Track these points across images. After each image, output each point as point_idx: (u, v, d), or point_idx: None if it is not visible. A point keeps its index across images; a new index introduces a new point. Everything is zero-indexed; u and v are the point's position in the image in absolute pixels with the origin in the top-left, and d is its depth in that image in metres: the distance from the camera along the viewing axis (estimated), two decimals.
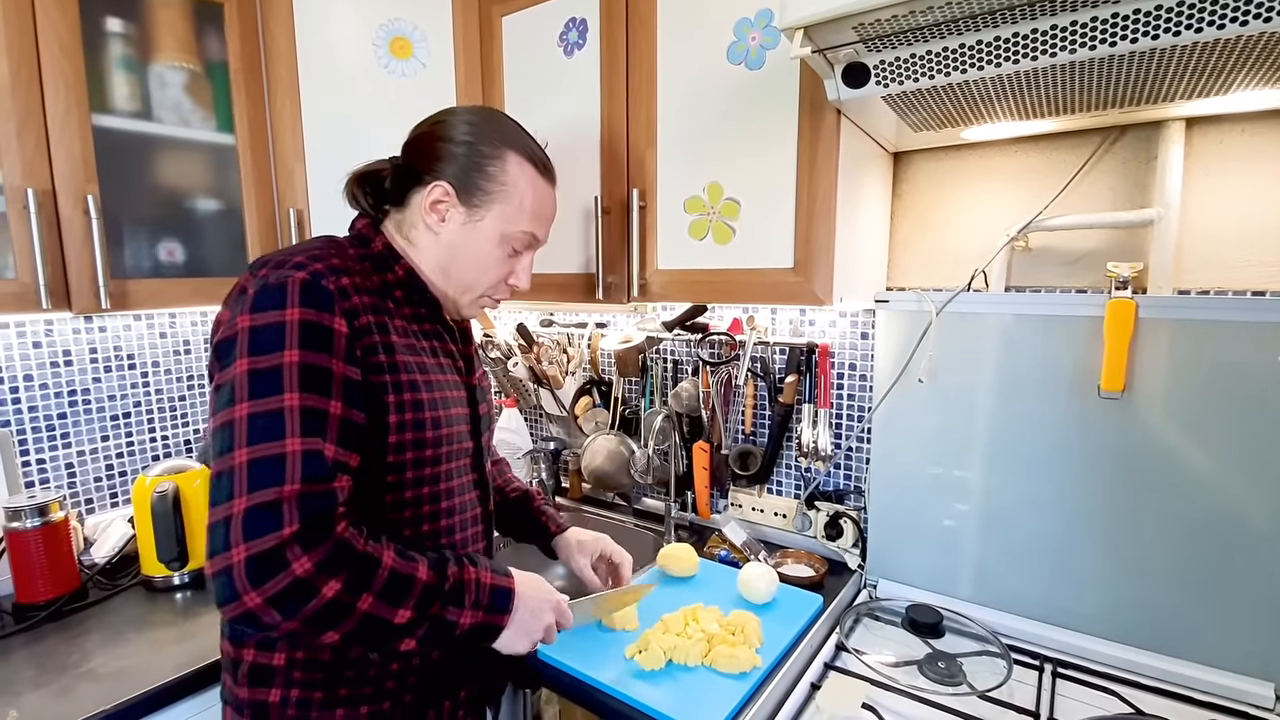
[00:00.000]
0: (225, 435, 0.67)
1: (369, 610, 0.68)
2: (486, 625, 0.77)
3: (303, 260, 0.74)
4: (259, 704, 0.80)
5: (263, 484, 0.65)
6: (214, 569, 0.64)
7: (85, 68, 1.15)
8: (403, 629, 0.70)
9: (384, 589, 0.69)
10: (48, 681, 1.01)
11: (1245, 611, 1.00)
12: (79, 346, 1.42)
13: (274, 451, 0.66)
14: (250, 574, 0.63)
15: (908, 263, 1.36)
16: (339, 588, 0.66)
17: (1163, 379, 1.03)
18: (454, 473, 0.88)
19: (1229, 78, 0.85)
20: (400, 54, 1.38)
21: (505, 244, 0.88)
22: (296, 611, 0.65)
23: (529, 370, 1.80)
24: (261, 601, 0.63)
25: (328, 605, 0.66)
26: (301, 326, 0.70)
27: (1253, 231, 1.05)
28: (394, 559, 0.71)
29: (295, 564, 0.64)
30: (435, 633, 0.73)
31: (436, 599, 0.73)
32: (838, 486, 1.46)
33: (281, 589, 0.63)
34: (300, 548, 0.65)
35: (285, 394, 0.67)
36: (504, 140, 0.86)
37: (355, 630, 0.68)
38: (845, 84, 0.93)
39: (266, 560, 0.63)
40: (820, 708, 0.96)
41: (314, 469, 0.67)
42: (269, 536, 0.64)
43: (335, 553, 0.67)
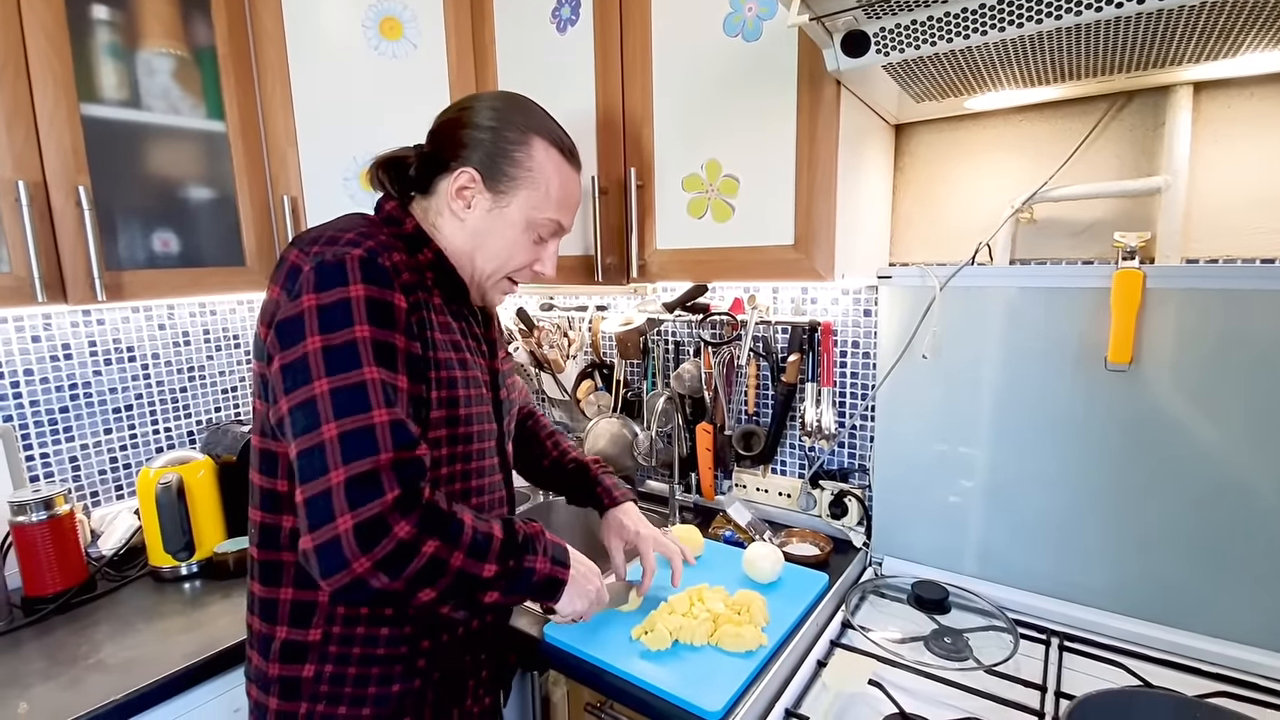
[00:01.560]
0: (309, 412, 0.68)
1: (461, 566, 0.72)
2: (553, 578, 0.83)
3: (355, 238, 0.75)
4: (291, 679, 0.81)
5: (358, 455, 0.67)
6: (318, 540, 0.66)
7: (72, 56, 1.13)
8: (489, 581, 0.74)
9: (470, 546, 0.73)
10: (58, 673, 1.02)
11: (1253, 583, 0.99)
12: (78, 340, 1.41)
13: (363, 423, 0.68)
14: (359, 541, 0.65)
15: (910, 237, 1.34)
16: (436, 545, 0.70)
17: (1171, 350, 1.01)
18: (484, 453, 0.89)
19: (1238, 39, 0.82)
20: (390, 35, 1.35)
21: (531, 230, 0.88)
22: (402, 572, 0.68)
23: (530, 355, 1.79)
24: (370, 565, 0.66)
25: (427, 564, 0.69)
26: (368, 303, 0.71)
27: (1262, 198, 1.03)
28: (473, 519, 0.75)
29: (397, 528, 0.67)
30: (515, 583, 0.78)
31: (513, 552, 0.77)
32: (842, 465, 1.45)
33: (388, 552, 0.66)
34: (399, 513, 0.68)
35: (364, 368, 0.69)
36: (530, 126, 0.86)
37: (450, 586, 0.72)
38: (844, 53, 0.90)
39: (372, 527, 0.66)
40: (827, 685, 0.96)
41: (403, 437, 0.70)
42: (373, 504, 0.66)
43: (427, 515, 0.70)
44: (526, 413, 1.22)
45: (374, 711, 0.83)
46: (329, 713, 0.81)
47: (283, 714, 0.82)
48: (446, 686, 0.89)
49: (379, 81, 1.36)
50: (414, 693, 0.85)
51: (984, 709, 0.91)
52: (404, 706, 0.85)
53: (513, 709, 1.17)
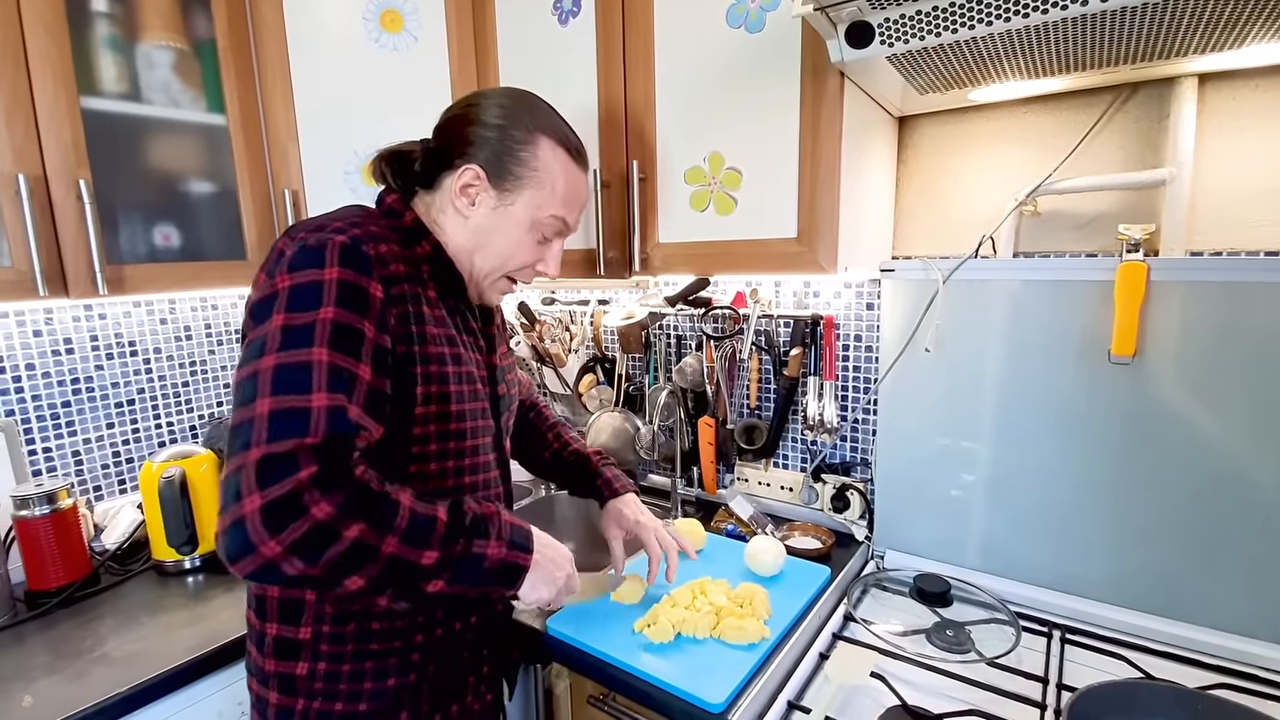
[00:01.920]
0: (249, 386, 0.65)
1: (394, 553, 0.66)
2: (511, 564, 0.76)
3: (342, 225, 0.74)
4: (286, 676, 0.81)
5: (282, 435, 0.63)
6: (225, 523, 0.61)
7: (72, 49, 1.12)
8: (430, 570, 0.69)
9: (408, 530, 0.67)
10: (62, 666, 1.02)
11: (1254, 575, 0.99)
12: (79, 334, 1.41)
13: (298, 404, 0.64)
14: (266, 522, 0.60)
15: (914, 230, 1.34)
16: (362, 528, 0.64)
17: (1174, 343, 1.01)
18: (479, 449, 0.88)
19: (1243, 29, 0.82)
20: (391, 27, 1.34)
21: (535, 230, 0.87)
22: (319, 557, 0.62)
23: (532, 349, 1.79)
24: (281, 550, 0.61)
25: (351, 548, 0.63)
26: (340, 286, 0.69)
27: (1267, 190, 1.03)
28: (412, 500, 0.69)
29: (314, 508, 0.62)
30: (463, 570, 0.71)
31: (460, 536, 0.71)
32: (844, 459, 1.45)
33: (302, 534, 0.61)
34: (319, 491, 0.62)
35: (314, 348, 0.66)
36: (537, 124, 0.85)
37: (382, 574, 0.66)
38: (848, 44, 0.90)
39: (283, 506, 0.61)
40: (829, 677, 0.96)
41: (338, 425, 0.65)
42: (285, 482, 0.61)
43: (354, 495, 0.65)
44: (529, 405, 1.22)
45: (371, 707, 0.82)
46: (326, 709, 0.81)
47: (281, 709, 0.82)
48: (444, 681, 0.88)
49: (380, 75, 1.36)
50: (410, 687, 0.85)
51: (986, 701, 0.91)
52: (401, 701, 0.84)
53: (516, 702, 1.18)
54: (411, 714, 0.85)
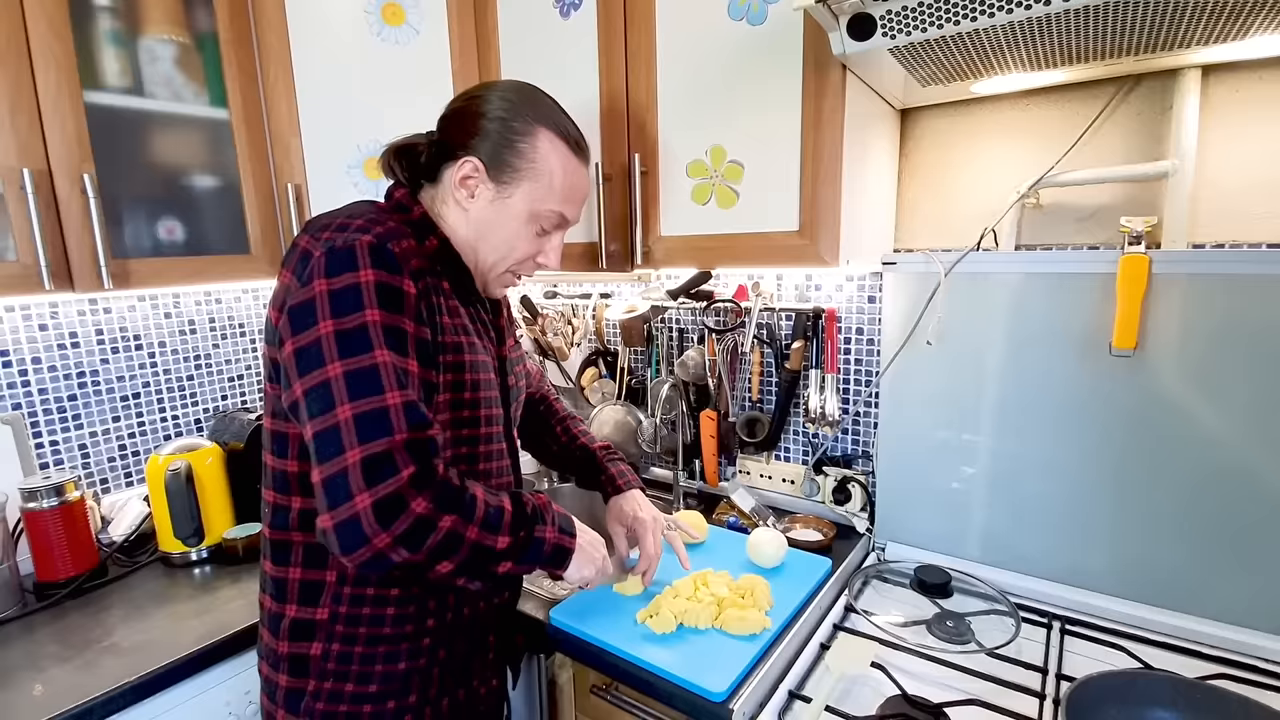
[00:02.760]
0: (323, 394, 0.70)
1: (476, 539, 0.74)
2: (561, 546, 0.85)
3: (364, 224, 0.76)
4: (299, 657, 0.83)
5: (373, 436, 0.68)
6: (337, 519, 0.67)
7: (74, 43, 1.12)
8: (502, 553, 0.77)
9: (484, 520, 0.75)
10: (71, 656, 1.04)
11: (1253, 567, 1.00)
12: (85, 328, 1.42)
13: (377, 405, 0.69)
14: (378, 518, 0.67)
15: (916, 223, 1.34)
16: (454, 519, 0.72)
17: (1176, 335, 1.01)
18: (490, 438, 0.90)
19: (1247, 20, 0.81)
20: (393, 21, 1.34)
21: (534, 222, 0.88)
22: (421, 546, 0.70)
23: (534, 342, 1.79)
24: (391, 540, 0.68)
25: (445, 537, 0.71)
26: (378, 288, 0.73)
27: (1269, 182, 1.02)
28: (484, 493, 0.77)
29: (414, 504, 0.69)
30: (526, 553, 0.80)
31: (524, 523, 0.80)
32: (845, 451, 1.45)
33: (407, 528, 0.68)
34: (416, 490, 0.69)
35: (376, 351, 0.71)
36: (537, 117, 0.86)
37: (466, 558, 0.74)
38: (850, 36, 0.90)
39: (390, 504, 0.68)
40: (830, 667, 0.97)
41: (416, 418, 0.71)
42: (389, 482, 0.68)
43: (442, 492, 0.72)
44: (540, 397, 1.23)
45: (381, 689, 0.84)
46: (336, 689, 0.83)
47: (291, 690, 0.83)
48: (453, 666, 0.90)
49: (381, 68, 1.36)
50: (420, 671, 0.86)
51: (986, 691, 0.92)
52: (410, 684, 0.86)
53: (520, 691, 1.19)
54: (420, 697, 0.87)
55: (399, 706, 0.85)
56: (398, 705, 0.85)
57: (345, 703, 0.83)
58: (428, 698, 0.88)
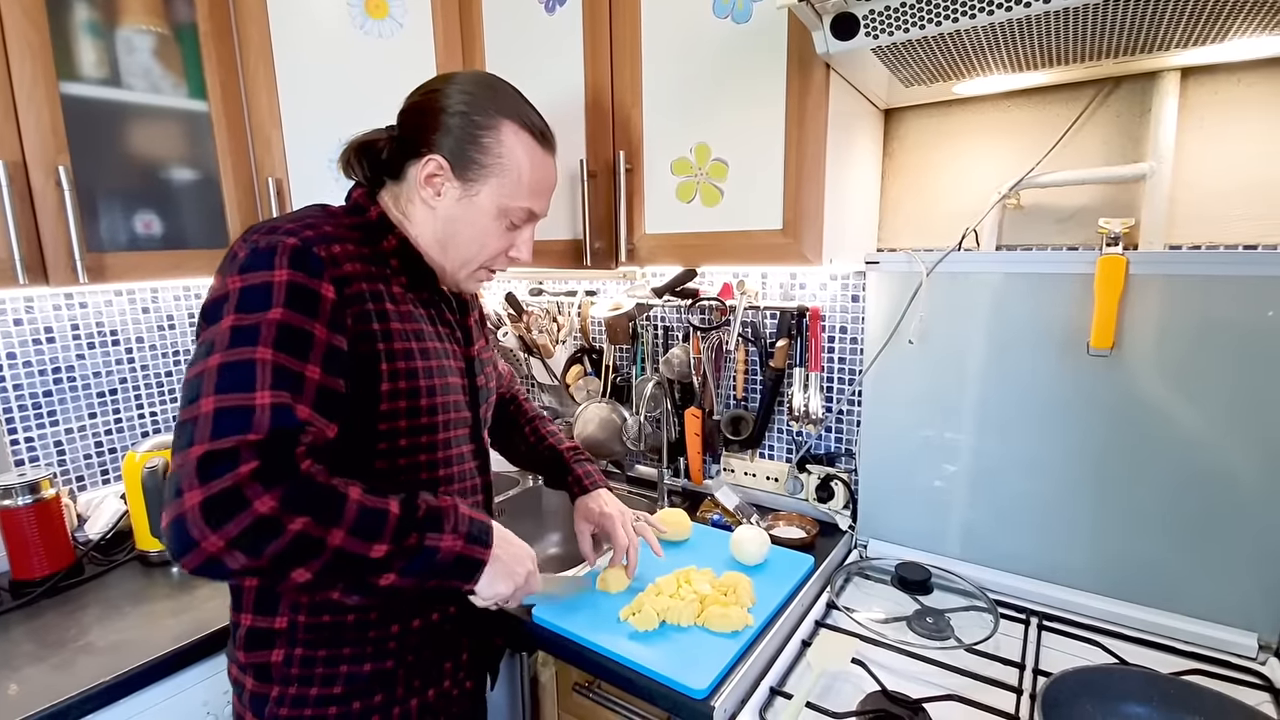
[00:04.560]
0: (195, 385, 0.65)
1: (341, 545, 0.65)
2: (468, 557, 0.75)
3: (294, 227, 0.74)
4: (260, 665, 0.82)
5: (226, 432, 0.62)
6: (167, 519, 0.61)
7: (50, 33, 1.10)
8: (380, 563, 0.68)
9: (356, 523, 0.66)
10: (46, 656, 1.02)
11: (1229, 563, 1.01)
12: (60, 323, 1.40)
13: (241, 402, 0.64)
14: (207, 517, 0.60)
15: (899, 223, 1.34)
16: (306, 521, 0.63)
17: (1152, 335, 1.02)
18: (451, 442, 0.88)
19: (1226, 23, 0.82)
20: (376, 13, 1.33)
21: (503, 218, 0.86)
22: (262, 550, 0.62)
23: (519, 340, 1.78)
24: (224, 544, 0.60)
25: (295, 541, 0.63)
26: (289, 288, 0.69)
27: (1245, 184, 1.04)
28: (362, 493, 0.69)
29: (257, 503, 0.61)
30: (416, 563, 0.71)
31: (412, 529, 0.70)
32: (829, 449, 1.46)
33: (244, 528, 0.61)
34: (260, 485, 0.62)
35: (259, 347, 0.66)
36: (500, 109, 0.83)
37: (329, 566, 0.65)
38: (834, 35, 0.90)
39: (225, 501, 0.60)
40: (811, 663, 0.97)
41: (282, 421, 0.65)
42: (225, 477, 0.61)
43: (298, 488, 0.64)
44: (510, 398, 1.22)
45: (345, 690, 0.83)
46: (301, 694, 0.81)
47: (256, 695, 0.82)
48: (421, 668, 0.89)
49: (365, 62, 1.34)
50: (387, 673, 0.85)
51: (964, 686, 0.93)
52: (376, 686, 0.85)
53: (501, 688, 1.18)
54: (386, 698, 0.86)
55: (365, 707, 0.84)
56: (363, 705, 0.84)
57: (310, 706, 0.82)
58: (394, 698, 0.86)
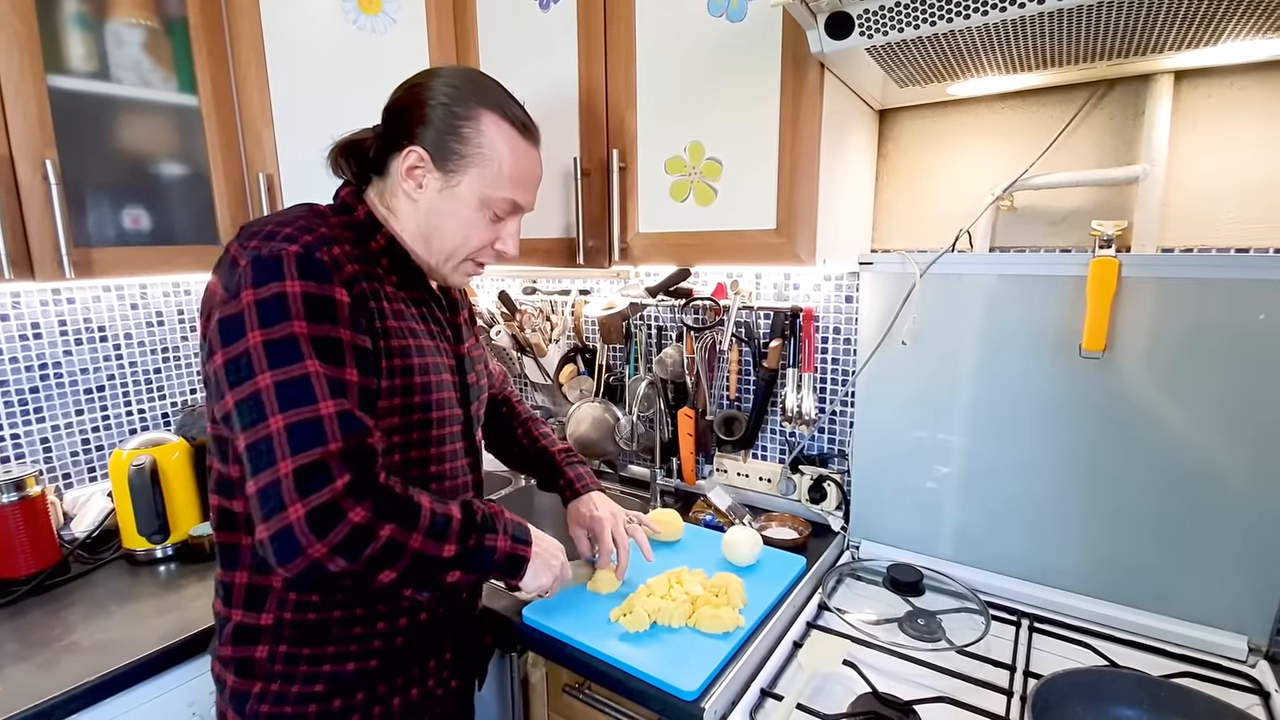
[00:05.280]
0: (254, 406, 0.68)
1: (419, 548, 0.73)
2: (515, 555, 0.84)
3: (293, 233, 0.74)
4: (245, 660, 0.81)
5: (306, 446, 0.67)
6: (271, 530, 0.66)
7: (39, 26, 1.09)
8: (449, 562, 0.76)
9: (429, 528, 0.74)
10: (31, 655, 1.01)
11: (1220, 566, 1.01)
12: (47, 319, 1.38)
13: (309, 415, 0.68)
14: (312, 527, 0.66)
15: (892, 224, 1.34)
16: (394, 529, 0.70)
17: (1144, 338, 1.02)
18: (444, 439, 0.88)
19: (1220, 26, 0.82)
20: (369, 9, 1.32)
21: (485, 209, 0.85)
22: (359, 555, 0.69)
23: (512, 338, 1.78)
24: (327, 550, 0.67)
25: (385, 546, 0.70)
26: (305, 299, 0.71)
27: (1237, 188, 1.04)
28: (431, 501, 0.76)
29: (351, 513, 0.68)
30: (476, 562, 0.79)
31: (473, 531, 0.78)
32: (822, 450, 1.46)
33: (344, 537, 0.67)
34: (353, 498, 0.68)
35: (307, 361, 0.69)
36: (481, 101, 0.83)
37: (409, 567, 0.72)
38: (828, 35, 0.90)
39: (325, 513, 0.67)
40: (802, 665, 0.97)
41: (351, 427, 0.70)
42: (323, 491, 0.67)
43: (383, 499, 0.71)
44: (502, 399, 1.22)
45: (327, 688, 0.83)
46: (282, 691, 0.81)
47: (237, 691, 0.82)
48: (405, 667, 0.89)
49: (358, 57, 1.33)
50: (370, 672, 0.85)
51: (955, 688, 0.93)
52: (358, 684, 0.85)
53: (491, 689, 1.18)
54: (368, 696, 0.86)
55: (346, 704, 0.84)
56: (344, 703, 0.84)
57: (290, 703, 0.82)
58: (376, 696, 0.86)
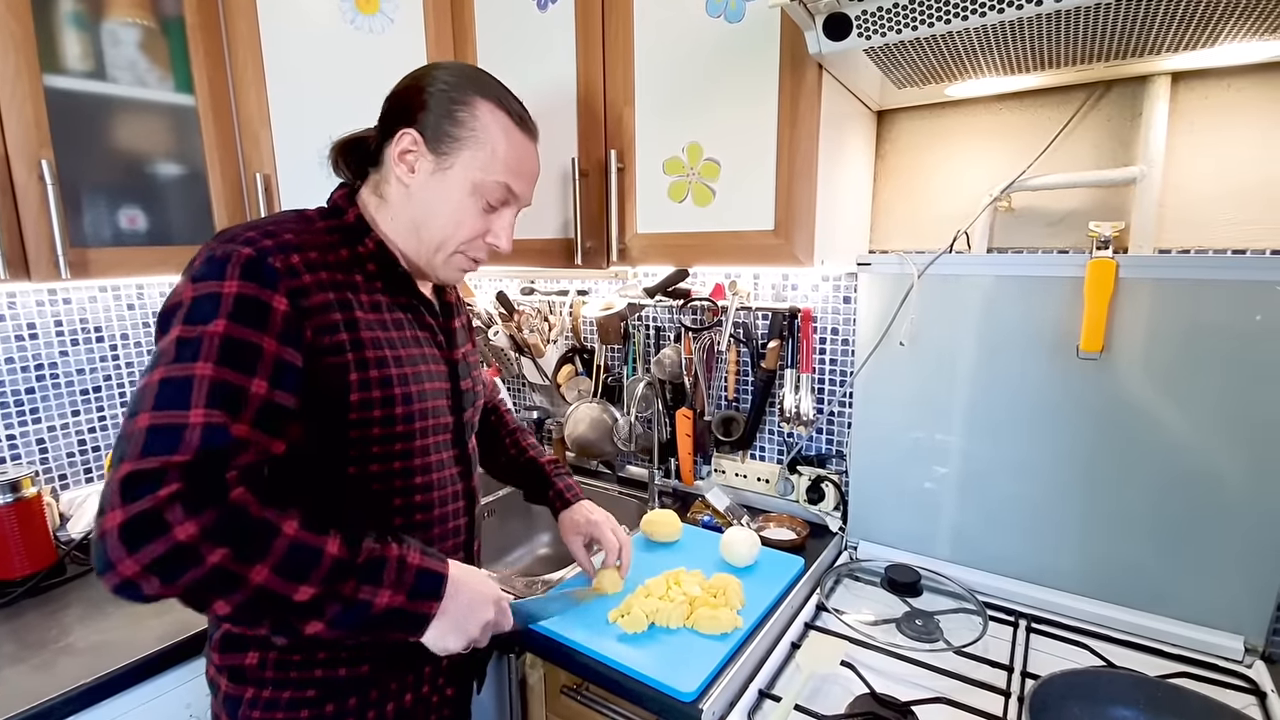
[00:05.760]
0: (136, 399, 0.64)
1: (263, 583, 0.62)
2: (409, 612, 0.71)
3: (254, 236, 0.71)
4: (235, 667, 0.81)
5: (154, 451, 0.60)
6: (94, 536, 0.60)
7: (34, 25, 1.09)
8: (305, 607, 0.65)
9: (283, 560, 0.63)
10: (27, 656, 1.01)
11: (1216, 567, 1.01)
12: (43, 319, 1.38)
13: (174, 420, 0.62)
14: (126, 538, 0.58)
15: (890, 225, 1.34)
16: (226, 554, 0.61)
17: (1141, 339, 1.03)
18: (430, 449, 0.86)
19: (1217, 27, 0.83)
20: (366, 9, 1.32)
21: (478, 196, 0.83)
22: (177, 579, 0.59)
23: (510, 339, 1.78)
24: (139, 569, 0.58)
25: (212, 573, 0.60)
26: (237, 300, 0.67)
27: (1233, 189, 1.04)
28: (298, 529, 0.66)
29: (177, 529, 0.59)
30: (347, 615, 0.67)
31: (349, 575, 0.67)
32: (820, 451, 1.46)
33: (160, 555, 0.58)
34: (183, 509, 0.59)
35: (199, 363, 0.64)
36: (479, 90, 0.83)
37: (248, 603, 0.63)
38: (826, 36, 0.90)
39: (143, 524, 0.58)
40: (800, 666, 0.97)
41: (212, 441, 0.62)
42: (145, 499, 0.59)
43: (225, 517, 0.61)
44: (491, 408, 1.20)
45: (320, 693, 0.82)
46: (274, 697, 0.81)
47: (230, 697, 0.82)
48: (398, 673, 0.88)
49: (355, 57, 1.33)
50: (362, 677, 0.84)
51: (953, 689, 0.93)
52: (350, 689, 0.84)
53: (489, 690, 1.18)
54: (360, 701, 0.85)
55: (338, 709, 0.83)
56: (337, 708, 0.83)
57: (282, 709, 0.81)
58: (369, 701, 0.85)
